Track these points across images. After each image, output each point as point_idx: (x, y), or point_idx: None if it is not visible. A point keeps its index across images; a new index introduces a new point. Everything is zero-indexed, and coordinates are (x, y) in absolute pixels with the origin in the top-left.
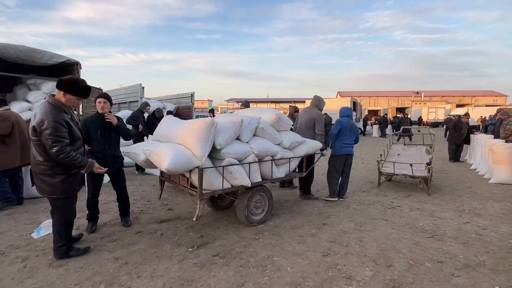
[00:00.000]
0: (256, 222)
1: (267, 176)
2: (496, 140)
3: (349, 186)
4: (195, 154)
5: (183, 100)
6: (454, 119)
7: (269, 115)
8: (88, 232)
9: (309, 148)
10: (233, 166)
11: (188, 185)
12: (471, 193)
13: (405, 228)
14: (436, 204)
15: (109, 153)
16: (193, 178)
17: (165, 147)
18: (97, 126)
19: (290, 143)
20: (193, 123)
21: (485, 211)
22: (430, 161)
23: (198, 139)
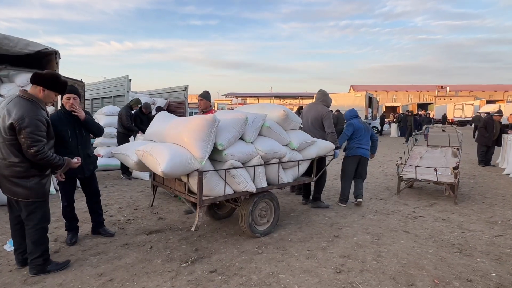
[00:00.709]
0: (260, 233)
1: (274, 181)
2: None
3: (365, 193)
4: (195, 155)
5: (175, 94)
6: (484, 117)
7: (276, 112)
8: (68, 244)
9: (320, 149)
10: (236, 169)
11: (186, 191)
12: (504, 202)
13: (429, 241)
14: (464, 214)
15: (83, 154)
16: (191, 183)
17: (160, 147)
18: (66, 124)
19: (299, 143)
20: (191, 120)
21: None
22: (457, 165)
23: (198, 138)
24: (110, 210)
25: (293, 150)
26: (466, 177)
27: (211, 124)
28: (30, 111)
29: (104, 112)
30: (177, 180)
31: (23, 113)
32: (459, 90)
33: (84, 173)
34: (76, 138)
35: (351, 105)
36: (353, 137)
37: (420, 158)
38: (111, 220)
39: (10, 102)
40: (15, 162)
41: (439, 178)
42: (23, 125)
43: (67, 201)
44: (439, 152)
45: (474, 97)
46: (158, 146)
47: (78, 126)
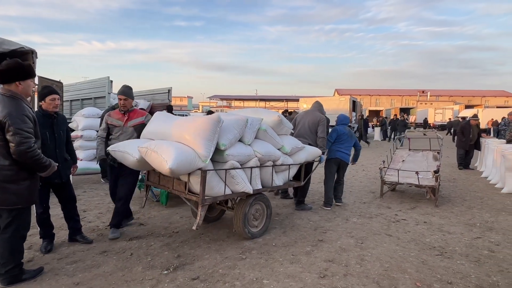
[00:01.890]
0: (255, 235)
1: (267, 183)
2: (508, 145)
3: (349, 196)
4: (199, 154)
5: (158, 96)
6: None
7: (271, 117)
8: (43, 252)
9: (309, 155)
10: (236, 170)
11: (186, 190)
12: (482, 205)
13: (411, 244)
14: (444, 217)
15: (60, 157)
16: (192, 182)
17: (165, 145)
18: (45, 126)
19: (291, 148)
20: (196, 119)
21: (498, 224)
22: (437, 169)
23: (203, 137)
24: (89, 216)
25: (285, 154)
26: (446, 180)
27: (216, 123)
28: (16, 106)
29: (84, 114)
30: (175, 179)
31: (10, 109)
32: (439, 95)
33: (61, 178)
34: (54, 141)
35: (336, 108)
36: (335, 141)
37: (402, 162)
38: (90, 227)
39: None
40: (5, 165)
41: (420, 182)
42: (11, 121)
43: (42, 208)
44: (421, 155)
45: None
46: (163, 143)
47: (57, 128)
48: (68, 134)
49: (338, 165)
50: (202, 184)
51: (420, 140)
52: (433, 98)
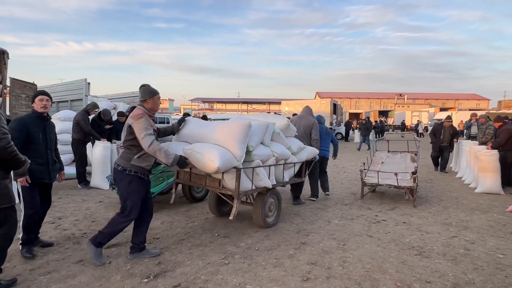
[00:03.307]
0: (270, 224)
1: (279, 179)
2: (481, 147)
3: (331, 199)
4: (235, 154)
5: (138, 99)
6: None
7: (281, 121)
8: (30, 257)
9: (309, 154)
10: (260, 167)
11: (220, 186)
12: (457, 204)
13: (391, 245)
14: (422, 217)
15: (51, 158)
16: (226, 179)
17: (208, 147)
18: (39, 126)
19: (297, 148)
20: (229, 124)
21: (472, 223)
22: (415, 170)
23: (238, 140)
24: (64, 223)
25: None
26: (423, 180)
27: (248, 128)
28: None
29: (59, 118)
30: (208, 177)
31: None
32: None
33: (50, 178)
34: (46, 141)
35: (317, 111)
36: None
37: (382, 164)
38: (65, 234)
39: None
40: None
41: (399, 183)
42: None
43: (33, 208)
44: (399, 157)
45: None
46: (205, 146)
47: (49, 130)
48: (56, 140)
49: (321, 161)
50: (238, 180)
51: (399, 142)
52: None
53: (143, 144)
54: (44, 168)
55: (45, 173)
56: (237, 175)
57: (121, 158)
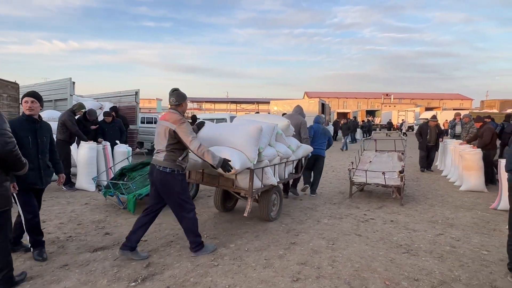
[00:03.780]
0: (274, 217)
1: (281, 176)
2: (466, 146)
3: (320, 198)
4: (248, 157)
5: (125, 98)
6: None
7: (282, 122)
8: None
9: (305, 151)
10: (268, 167)
11: (234, 186)
12: (443, 202)
13: (380, 243)
14: (409, 215)
15: (43, 163)
16: (239, 179)
17: (226, 151)
18: (27, 130)
19: (296, 147)
20: (243, 128)
21: (457, 220)
22: (402, 169)
23: (251, 143)
24: (48, 226)
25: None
26: (410, 179)
27: (260, 131)
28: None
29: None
30: (221, 177)
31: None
32: (402, 97)
33: (42, 183)
34: (36, 146)
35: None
36: (313, 139)
37: (369, 163)
38: (49, 238)
39: None
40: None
41: (387, 182)
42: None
43: (32, 213)
44: (386, 156)
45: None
46: (223, 149)
47: (40, 133)
48: (52, 143)
49: (315, 159)
50: (251, 180)
51: (386, 141)
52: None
53: (192, 147)
54: (35, 174)
55: (36, 178)
56: (251, 175)
57: (165, 161)
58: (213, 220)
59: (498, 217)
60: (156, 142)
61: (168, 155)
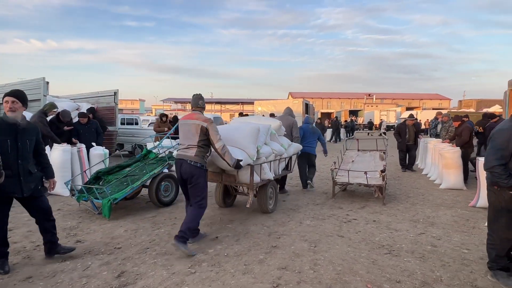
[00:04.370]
0: (272, 209)
1: (276, 172)
2: (445, 145)
3: (303, 199)
4: (249, 154)
5: (103, 99)
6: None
7: (274, 123)
8: (2, 273)
9: (295, 149)
10: (266, 163)
11: (236, 181)
12: (424, 201)
13: (362, 244)
14: (391, 214)
15: (23, 169)
16: (240, 174)
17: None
18: (7, 132)
19: (287, 145)
20: (243, 128)
21: (438, 219)
22: (384, 168)
23: (251, 141)
24: (15, 235)
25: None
26: (392, 178)
27: (258, 131)
28: None
29: None
30: (224, 174)
31: None
32: (384, 98)
33: (22, 192)
34: (16, 150)
35: None
36: (302, 138)
37: (352, 162)
38: (15, 248)
39: None
40: None
41: (369, 181)
42: None
43: (1, 223)
44: (368, 156)
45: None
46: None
47: (22, 137)
48: (40, 146)
49: (308, 157)
50: (252, 175)
51: (368, 140)
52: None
53: (218, 145)
54: (14, 181)
55: (15, 186)
56: (251, 171)
57: (196, 156)
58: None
59: (477, 214)
60: (185, 139)
61: (199, 150)
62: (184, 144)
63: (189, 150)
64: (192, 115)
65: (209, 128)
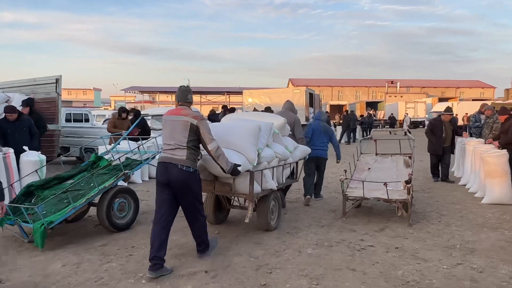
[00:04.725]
0: (274, 227)
1: (278, 181)
2: (488, 146)
3: (305, 218)
4: (248, 158)
5: (42, 88)
6: (431, 118)
7: (277, 121)
8: None
9: (302, 152)
10: (267, 169)
11: (232, 191)
12: (462, 220)
13: (380, 280)
14: (419, 239)
15: None
16: (237, 183)
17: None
18: None
19: (293, 148)
20: (240, 127)
21: (480, 244)
22: (410, 178)
23: (251, 143)
24: None
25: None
26: (420, 190)
27: (259, 130)
28: None
29: None
30: (217, 182)
31: None
32: (410, 85)
33: None
34: None
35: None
36: (311, 139)
37: (368, 170)
38: None
39: None
40: None
41: (390, 195)
42: None
43: None
44: (390, 161)
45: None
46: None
47: None
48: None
49: (316, 162)
50: (252, 183)
51: (388, 141)
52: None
53: (211, 146)
54: None
55: None
56: (251, 178)
57: (188, 160)
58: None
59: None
60: (170, 138)
61: (190, 153)
62: (169, 144)
63: (177, 151)
64: (179, 110)
65: (199, 125)
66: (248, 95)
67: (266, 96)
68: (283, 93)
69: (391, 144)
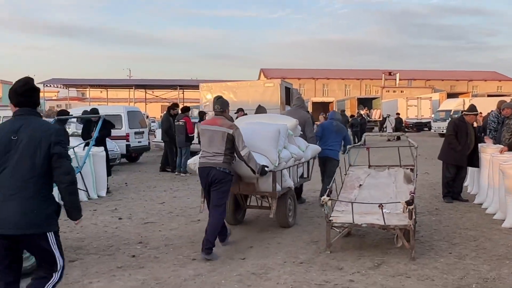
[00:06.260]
0: (292, 223)
1: (294, 180)
2: (507, 155)
3: (277, 253)
4: (271, 160)
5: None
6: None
7: (290, 122)
8: None
9: (313, 152)
10: (285, 169)
11: (256, 189)
12: (477, 250)
13: None
14: (425, 277)
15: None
16: (260, 182)
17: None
18: None
19: (305, 147)
20: (261, 131)
21: (501, 282)
22: (412, 198)
23: (273, 146)
24: None
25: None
26: (425, 211)
27: (279, 133)
28: None
29: None
30: (242, 182)
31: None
32: (412, 78)
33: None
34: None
35: (260, 99)
36: (321, 138)
37: (359, 187)
38: None
39: None
40: None
41: (387, 220)
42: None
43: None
44: (386, 175)
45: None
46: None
47: None
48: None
49: (325, 163)
50: (274, 182)
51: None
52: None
53: (243, 152)
54: None
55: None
56: (274, 178)
57: (225, 163)
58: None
59: None
60: (209, 146)
61: (227, 157)
62: (208, 152)
63: (216, 157)
64: (215, 120)
65: (235, 135)
66: (207, 89)
67: (230, 91)
68: (251, 87)
69: (388, 153)
